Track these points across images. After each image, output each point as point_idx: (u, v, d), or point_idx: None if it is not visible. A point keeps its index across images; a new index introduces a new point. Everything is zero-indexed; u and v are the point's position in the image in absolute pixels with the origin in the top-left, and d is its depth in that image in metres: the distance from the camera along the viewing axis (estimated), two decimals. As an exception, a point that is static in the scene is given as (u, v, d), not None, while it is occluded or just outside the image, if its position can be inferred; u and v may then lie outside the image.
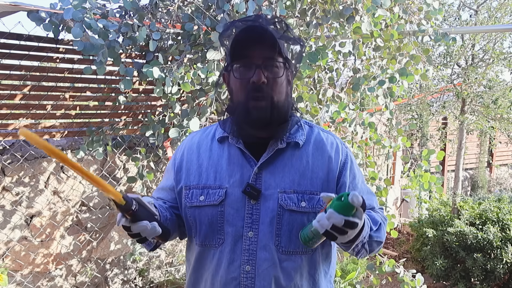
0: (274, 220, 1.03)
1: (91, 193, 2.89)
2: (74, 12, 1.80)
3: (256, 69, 1.00)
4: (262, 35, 0.99)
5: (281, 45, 1.02)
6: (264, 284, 1.03)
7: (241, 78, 1.02)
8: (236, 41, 1.01)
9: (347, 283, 2.94)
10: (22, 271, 2.64)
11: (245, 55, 1.01)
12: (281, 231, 1.04)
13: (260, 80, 0.99)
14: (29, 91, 2.37)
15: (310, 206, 1.05)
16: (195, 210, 1.09)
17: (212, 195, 1.06)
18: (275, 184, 1.05)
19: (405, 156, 2.99)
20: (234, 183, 1.06)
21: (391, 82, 2.48)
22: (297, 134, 1.11)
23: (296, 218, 1.04)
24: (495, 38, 4.23)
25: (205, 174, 1.09)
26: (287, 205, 1.04)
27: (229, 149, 1.10)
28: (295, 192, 1.05)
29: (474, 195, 5.54)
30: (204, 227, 1.07)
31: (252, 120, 1.02)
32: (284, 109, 1.05)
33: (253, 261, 1.03)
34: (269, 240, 1.03)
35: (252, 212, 1.04)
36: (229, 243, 1.05)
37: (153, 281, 3.26)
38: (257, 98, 1.00)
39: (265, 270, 1.02)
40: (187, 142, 1.19)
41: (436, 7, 2.54)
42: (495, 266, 3.34)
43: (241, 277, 1.03)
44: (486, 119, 4.54)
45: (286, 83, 1.06)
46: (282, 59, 1.03)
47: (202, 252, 1.09)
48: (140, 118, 2.78)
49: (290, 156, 1.08)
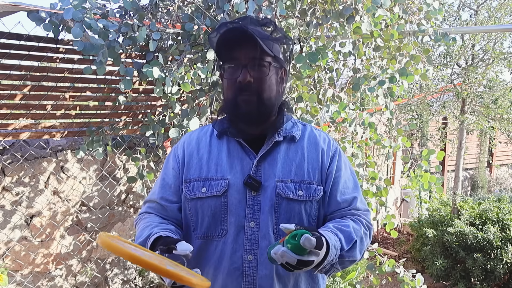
0: (272, 209, 1.06)
1: (91, 193, 2.89)
2: (74, 12, 1.80)
3: (242, 69, 1.04)
4: (243, 36, 1.03)
5: (268, 45, 1.05)
6: (266, 273, 1.05)
7: (229, 78, 1.07)
8: (220, 42, 1.05)
9: (347, 283, 2.95)
10: (22, 271, 2.64)
11: (230, 55, 1.06)
12: (279, 220, 1.07)
13: (245, 80, 1.03)
14: (29, 91, 2.37)
15: (307, 195, 1.08)
16: (197, 202, 1.10)
17: (214, 186, 1.09)
18: (273, 175, 1.09)
19: (405, 156, 2.99)
20: (236, 174, 1.09)
21: (391, 82, 2.48)
22: (293, 129, 1.16)
23: (294, 207, 1.07)
24: (495, 38, 4.23)
25: (206, 167, 1.12)
26: (285, 194, 1.07)
27: (228, 143, 1.14)
28: (292, 181, 1.09)
29: (474, 195, 5.54)
30: (207, 219, 1.09)
31: (241, 114, 1.06)
32: (273, 106, 1.09)
33: (255, 251, 1.06)
34: (268, 228, 1.06)
35: (254, 203, 1.07)
36: (231, 234, 1.07)
37: (153, 281, 3.26)
38: (245, 94, 1.05)
39: (267, 258, 1.03)
40: (186, 138, 1.21)
41: (436, 7, 2.54)
42: (495, 266, 3.34)
43: (243, 267, 1.06)
44: (486, 119, 4.54)
45: (275, 80, 1.10)
46: (270, 58, 1.06)
47: (204, 245, 1.10)
48: (140, 118, 2.78)
49: (287, 149, 1.13)
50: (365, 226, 1.13)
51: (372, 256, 2.62)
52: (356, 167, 2.64)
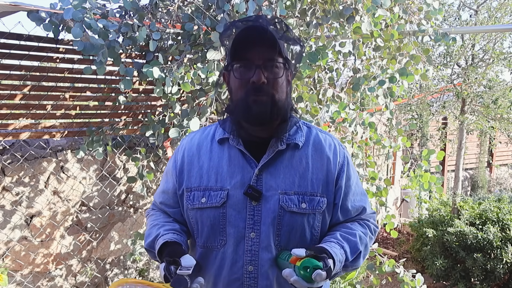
0: (275, 221, 1.04)
1: (91, 193, 2.89)
2: (74, 12, 1.80)
3: (256, 69, 1.00)
4: (263, 35, 1.00)
5: (281, 46, 1.02)
6: (266, 284, 1.04)
7: (241, 78, 1.02)
8: (237, 41, 1.01)
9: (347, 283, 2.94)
10: (22, 271, 2.64)
11: (245, 55, 1.02)
12: (281, 231, 1.05)
13: (260, 80, 1.00)
14: (29, 91, 2.37)
15: (310, 207, 1.06)
16: (197, 212, 1.09)
17: (214, 197, 1.07)
18: (276, 186, 1.06)
19: (405, 156, 2.99)
20: (235, 184, 1.06)
21: (391, 82, 2.48)
22: (297, 136, 1.11)
23: (296, 220, 1.05)
24: (495, 38, 4.23)
25: (206, 176, 1.10)
26: (288, 207, 1.04)
27: (229, 151, 1.11)
28: (296, 193, 1.06)
29: (474, 195, 5.54)
30: (206, 229, 1.08)
31: (252, 115, 1.02)
32: (284, 108, 1.05)
33: (255, 262, 1.04)
34: (270, 240, 1.04)
35: (254, 213, 1.05)
36: (231, 244, 1.05)
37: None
38: (257, 95, 1.01)
39: (268, 269, 1.04)
40: (187, 143, 1.18)
41: (436, 7, 2.54)
42: (495, 266, 3.34)
43: (244, 278, 1.05)
44: (486, 119, 4.54)
45: (286, 83, 1.07)
46: (282, 60, 1.03)
47: (204, 254, 1.10)
48: (140, 118, 2.78)
49: (290, 157, 1.09)
50: (371, 231, 1.15)
51: (372, 256, 2.62)
52: (356, 167, 2.64)
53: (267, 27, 1.01)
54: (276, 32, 1.02)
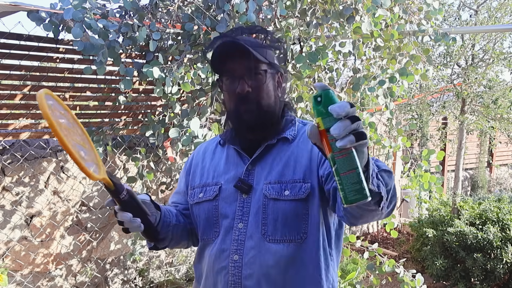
0: (260, 210, 1.09)
1: (91, 193, 2.89)
2: (74, 12, 1.80)
3: (240, 80, 1.07)
4: (235, 48, 1.05)
5: (261, 52, 1.08)
6: (250, 273, 1.06)
7: (228, 90, 1.10)
8: (213, 58, 1.08)
9: (347, 283, 2.94)
10: (22, 271, 2.64)
11: (226, 68, 1.09)
12: (267, 220, 1.08)
13: (244, 90, 1.07)
14: (29, 91, 2.37)
15: (293, 194, 1.08)
16: (196, 206, 1.18)
17: (208, 191, 1.15)
18: (264, 178, 1.11)
19: (405, 156, 2.99)
20: (229, 179, 1.14)
21: (391, 82, 2.48)
22: (288, 131, 1.16)
23: (279, 206, 1.07)
24: (495, 38, 4.23)
25: (206, 174, 1.19)
26: (270, 194, 1.08)
27: (227, 151, 1.20)
28: (279, 182, 1.09)
29: (474, 195, 5.54)
30: (202, 222, 1.16)
31: (244, 121, 1.09)
32: (273, 111, 1.12)
33: (240, 251, 1.08)
34: (256, 229, 1.08)
35: (244, 205, 1.10)
36: (221, 234, 1.11)
37: (153, 281, 3.26)
38: (245, 104, 1.08)
39: (251, 258, 1.06)
40: (197, 149, 1.30)
41: (436, 7, 2.54)
42: (495, 266, 3.34)
43: (229, 266, 1.08)
44: (486, 119, 4.54)
45: (273, 86, 1.12)
46: (265, 65, 1.09)
47: (202, 247, 1.17)
48: (140, 118, 2.78)
49: (279, 150, 1.14)
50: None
51: (372, 256, 2.62)
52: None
53: (237, 39, 1.06)
54: (250, 41, 1.08)
